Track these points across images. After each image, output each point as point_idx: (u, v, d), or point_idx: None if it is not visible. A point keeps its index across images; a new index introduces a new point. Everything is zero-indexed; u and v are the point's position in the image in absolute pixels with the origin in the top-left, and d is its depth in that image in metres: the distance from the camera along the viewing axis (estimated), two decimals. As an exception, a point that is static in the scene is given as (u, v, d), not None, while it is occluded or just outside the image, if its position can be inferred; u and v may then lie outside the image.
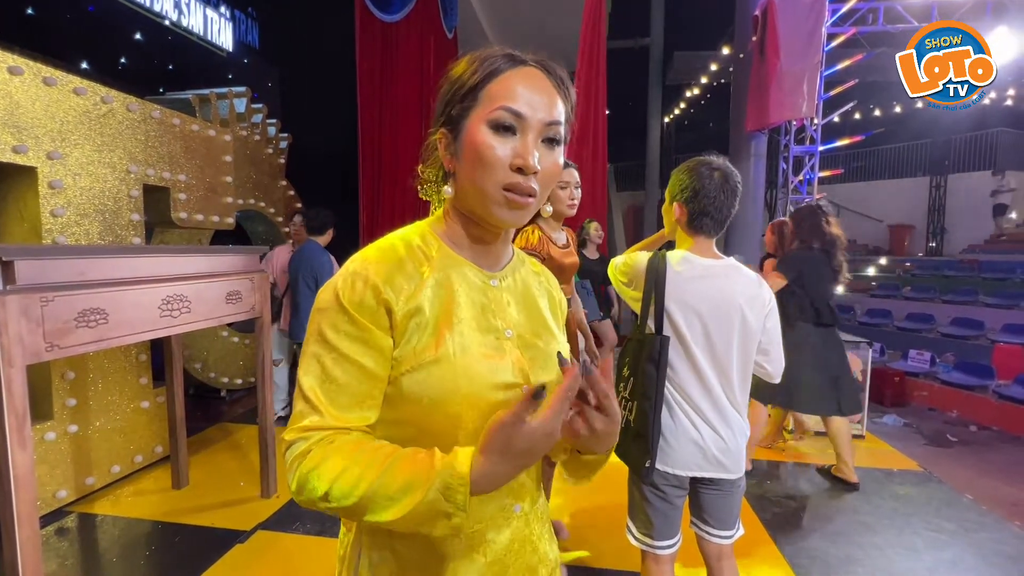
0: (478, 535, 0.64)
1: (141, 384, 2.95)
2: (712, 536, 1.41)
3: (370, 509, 0.53)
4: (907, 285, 8.20)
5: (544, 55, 0.65)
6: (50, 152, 2.42)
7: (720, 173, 1.33)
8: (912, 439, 4.26)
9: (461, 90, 0.62)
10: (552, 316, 0.76)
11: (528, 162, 0.59)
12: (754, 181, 5.77)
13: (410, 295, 0.61)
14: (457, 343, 0.61)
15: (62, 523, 2.41)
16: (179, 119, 3.20)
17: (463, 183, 0.64)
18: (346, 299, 0.60)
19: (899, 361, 5.71)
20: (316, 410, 0.58)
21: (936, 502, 2.76)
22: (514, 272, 0.73)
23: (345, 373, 0.59)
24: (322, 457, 0.56)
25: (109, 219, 2.74)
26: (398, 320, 0.60)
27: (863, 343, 3.76)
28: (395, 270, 0.62)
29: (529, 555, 0.69)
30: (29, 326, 1.51)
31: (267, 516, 2.47)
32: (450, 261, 0.66)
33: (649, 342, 1.32)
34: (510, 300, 0.70)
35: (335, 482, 0.54)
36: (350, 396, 0.59)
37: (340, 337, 0.59)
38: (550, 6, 7.56)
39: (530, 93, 0.60)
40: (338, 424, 0.58)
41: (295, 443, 0.58)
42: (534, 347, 0.69)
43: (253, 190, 4.24)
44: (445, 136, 0.65)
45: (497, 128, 0.60)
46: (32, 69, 2.34)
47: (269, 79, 5.18)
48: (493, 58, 0.62)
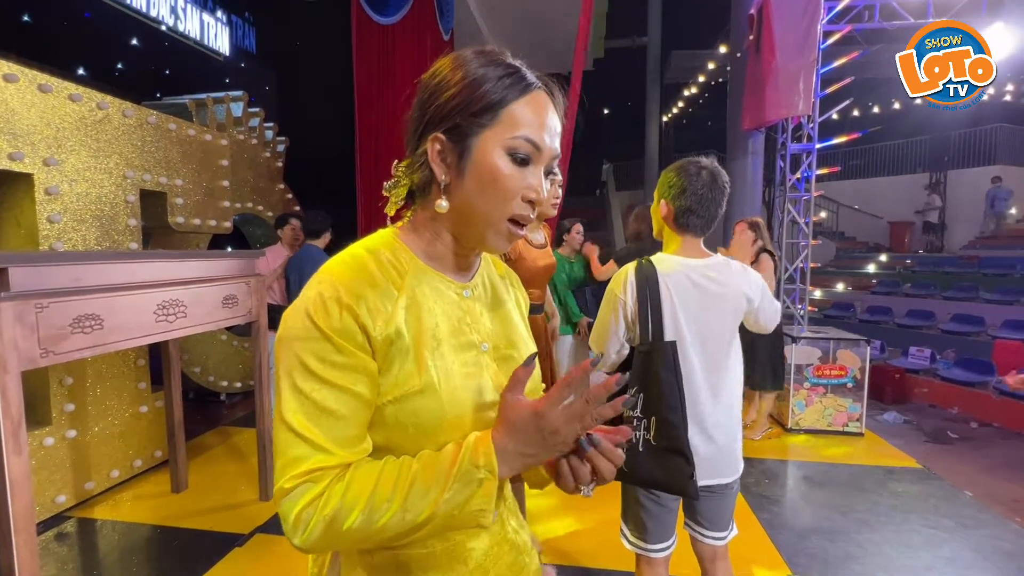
0: (459, 546, 0.63)
1: (140, 389, 2.96)
2: (706, 537, 1.41)
3: (410, 511, 0.52)
4: (907, 282, 8.19)
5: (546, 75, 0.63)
6: (46, 158, 2.43)
7: (708, 172, 1.33)
8: (912, 436, 4.26)
9: (478, 103, 0.58)
10: (521, 318, 0.75)
11: (541, 196, 0.59)
12: (751, 179, 5.77)
13: (388, 318, 0.57)
14: (440, 368, 0.59)
15: (61, 528, 2.42)
16: (175, 124, 3.21)
17: (462, 202, 0.60)
18: (325, 325, 0.54)
19: (899, 358, 5.71)
20: (320, 449, 0.53)
21: (935, 499, 2.76)
22: (482, 277, 0.70)
23: (341, 404, 0.54)
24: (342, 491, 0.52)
25: (106, 224, 2.74)
26: (377, 345, 0.56)
27: (861, 341, 3.76)
28: (369, 290, 0.57)
29: (508, 553, 0.69)
30: (24, 332, 1.52)
31: (265, 520, 2.47)
32: (423, 275, 0.62)
33: (658, 350, 1.26)
34: (482, 310, 0.67)
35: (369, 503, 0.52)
36: (350, 428, 0.55)
37: (327, 367, 0.54)
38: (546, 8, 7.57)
39: (547, 123, 0.60)
40: (345, 460, 0.54)
41: (298, 488, 0.52)
42: (509, 359, 0.67)
43: (251, 194, 4.25)
44: (443, 144, 0.60)
45: (515, 156, 0.58)
46: (27, 76, 2.35)
47: (266, 83, 5.19)
48: (517, 74, 0.59)
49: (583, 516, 2.51)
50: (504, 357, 0.67)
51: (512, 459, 0.54)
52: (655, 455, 1.23)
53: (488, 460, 0.53)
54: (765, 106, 4.70)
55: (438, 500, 0.52)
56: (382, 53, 5.55)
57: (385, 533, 0.53)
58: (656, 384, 1.23)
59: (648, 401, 1.23)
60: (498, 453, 0.54)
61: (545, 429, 0.53)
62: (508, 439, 0.54)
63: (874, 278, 8.85)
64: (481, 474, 0.53)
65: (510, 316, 0.72)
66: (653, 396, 1.23)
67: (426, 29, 6.13)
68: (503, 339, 0.68)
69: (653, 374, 1.24)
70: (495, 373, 0.64)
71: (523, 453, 0.54)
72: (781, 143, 5.23)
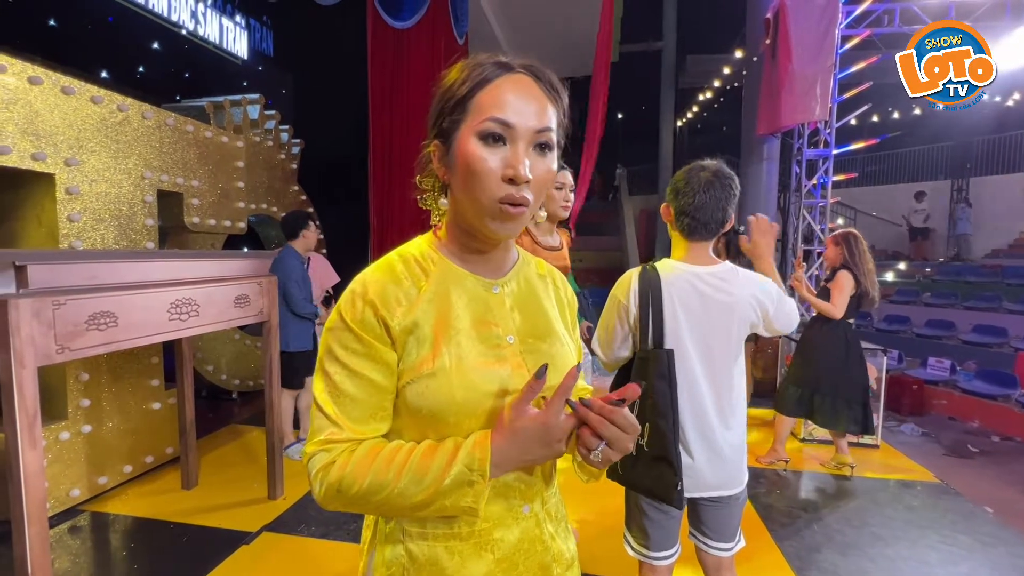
0: (485, 534, 0.67)
1: (153, 386, 3.01)
2: (711, 548, 1.39)
3: (404, 495, 0.59)
4: (927, 291, 8.01)
5: (534, 60, 0.65)
6: (68, 159, 2.49)
7: (708, 173, 1.29)
8: (930, 449, 4.15)
9: (451, 102, 0.63)
10: (560, 317, 0.77)
11: (519, 172, 0.59)
12: (766, 184, 5.70)
13: (406, 311, 0.64)
14: (453, 354, 0.64)
15: (75, 521, 2.46)
16: (193, 126, 3.27)
17: (457, 195, 0.65)
18: (349, 317, 0.63)
19: (917, 368, 5.58)
20: (334, 423, 0.63)
21: (952, 515, 2.68)
22: (518, 276, 0.74)
23: (356, 388, 0.63)
24: (348, 463, 0.60)
25: (124, 224, 2.80)
26: (396, 335, 0.63)
27: (879, 350, 3.68)
28: (391, 287, 0.65)
29: (541, 554, 0.71)
30: (41, 329, 1.55)
31: (273, 518, 2.49)
32: (449, 273, 0.68)
33: (655, 358, 1.25)
34: (512, 305, 0.71)
35: (369, 478, 0.59)
36: (363, 409, 0.63)
37: (348, 354, 0.63)
38: (561, 12, 7.58)
39: (519, 101, 0.60)
40: (355, 436, 0.63)
41: (316, 455, 0.62)
42: (538, 351, 0.70)
43: (265, 195, 4.31)
44: (438, 148, 0.66)
45: (486, 139, 0.60)
46: (51, 79, 2.42)
47: (283, 86, 5.27)
48: (481, 67, 0.63)
49: (585, 522, 2.49)
50: (533, 350, 0.70)
51: (513, 462, 0.60)
52: (646, 462, 1.24)
53: (482, 465, 0.59)
54: (781, 111, 4.65)
55: (432, 491, 0.59)
56: (396, 57, 5.61)
57: (385, 508, 0.61)
58: (650, 391, 1.24)
59: (643, 407, 1.24)
60: (495, 456, 0.59)
61: (552, 438, 0.58)
62: (512, 445, 0.59)
63: (893, 286, 8.67)
64: (474, 477, 0.59)
65: (546, 313, 0.74)
66: (647, 403, 1.24)
67: (440, 34, 6.17)
68: (533, 333, 0.71)
69: (648, 381, 1.25)
70: (519, 365, 0.68)
71: (525, 458, 0.60)
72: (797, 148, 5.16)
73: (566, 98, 0.66)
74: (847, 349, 2.95)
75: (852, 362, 2.95)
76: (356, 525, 2.43)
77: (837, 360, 2.93)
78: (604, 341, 1.36)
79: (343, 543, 2.31)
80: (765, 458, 3.20)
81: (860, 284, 2.84)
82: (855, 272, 2.84)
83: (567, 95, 0.66)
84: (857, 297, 2.89)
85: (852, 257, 2.86)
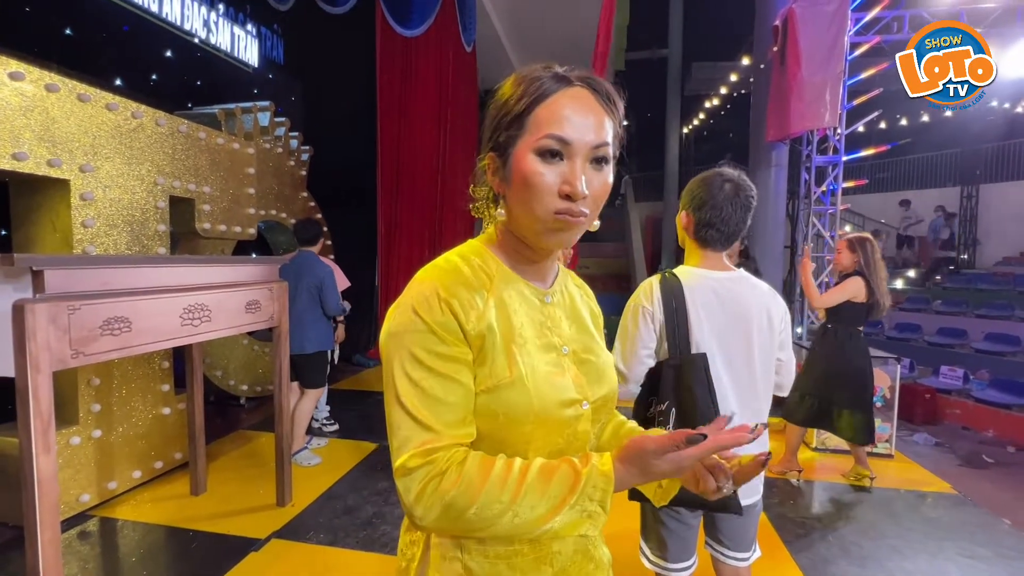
0: (544, 546, 0.66)
1: (163, 391, 3.02)
2: (728, 558, 1.37)
3: (519, 516, 0.56)
4: (938, 298, 7.93)
5: (590, 72, 0.64)
6: (83, 165, 2.51)
7: (732, 185, 1.28)
8: (945, 459, 4.09)
9: (507, 116, 0.63)
10: (596, 329, 0.78)
11: (577, 189, 0.59)
12: (774, 191, 5.67)
13: (480, 314, 0.63)
14: (527, 363, 0.63)
15: (84, 527, 2.46)
16: (204, 133, 3.30)
17: (513, 208, 0.64)
18: (430, 319, 0.61)
19: (930, 377, 5.51)
20: (430, 429, 0.59)
21: (970, 526, 2.63)
22: (561, 286, 0.75)
23: (447, 391, 0.60)
24: (461, 476, 0.57)
25: (136, 230, 2.82)
26: (472, 338, 0.62)
27: (891, 359, 3.64)
28: (464, 289, 0.63)
29: (585, 563, 0.71)
30: (56, 333, 1.56)
31: (282, 525, 2.48)
32: (507, 279, 0.68)
33: (690, 363, 1.22)
34: (562, 316, 0.72)
35: (483, 497, 0.56)
36: (455, 413, 0.60)
37: (433, 357, 0.60)
38: (568, 21, 7.62)
39: (577, 116, 0.60)
40: (453, 441, 0.60)
41: (420, 468, 0.57)
42: (587, 362, 0.71)
43: (275, 201, 4.34)
44: (493, 161, 0.66)
45: (544, 155, 0.60)
46: (67, 86, 2.44)
47: (292, 93, 5.31)
48: (539, 81, 0.62)
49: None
50: (582, 361, 0.71)
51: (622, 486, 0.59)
52: None
53: (604, 498, 0.57)
54: (790, 118, 4.63)
55: (549, 518, 0.56)
56: (405, 65, 5.65)
57: (493, 530, 0.57)
58: (690, 399, 1.19)
59: (682, 416, 1.19)
60: (617, 487, 0.57)
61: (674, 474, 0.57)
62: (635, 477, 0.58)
63: (903, 294, 8.60)
64: (594, 508, 0.57)
65: (586, 325, 0.75)
66: (687, 411, 1.19)
67: (448, 42, 6.22)
68: (581, 344, 0.72)
69: (685, 389, 1.21)
70: (576, 375, 0.68)
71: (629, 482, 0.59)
72: (806, 155, 5.14)
73: (622, 109, 0.65)
74: (856, 357, 2.91)
75: (862, 371, 2.91)
76: (366, 533, 2.41)
77: (847, 368, 2.89)
78: (627, 352, 1.31)
79: (353, 551, 2.29)
80: (778, 467, 3.16)
81: (873, 293, 2.79)
82: (869, 280, 2.78)
83: (623, 105, 0.66)
84: (868, 307, 2.83)
85: (868, 266, 2.79)
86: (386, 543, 2.34)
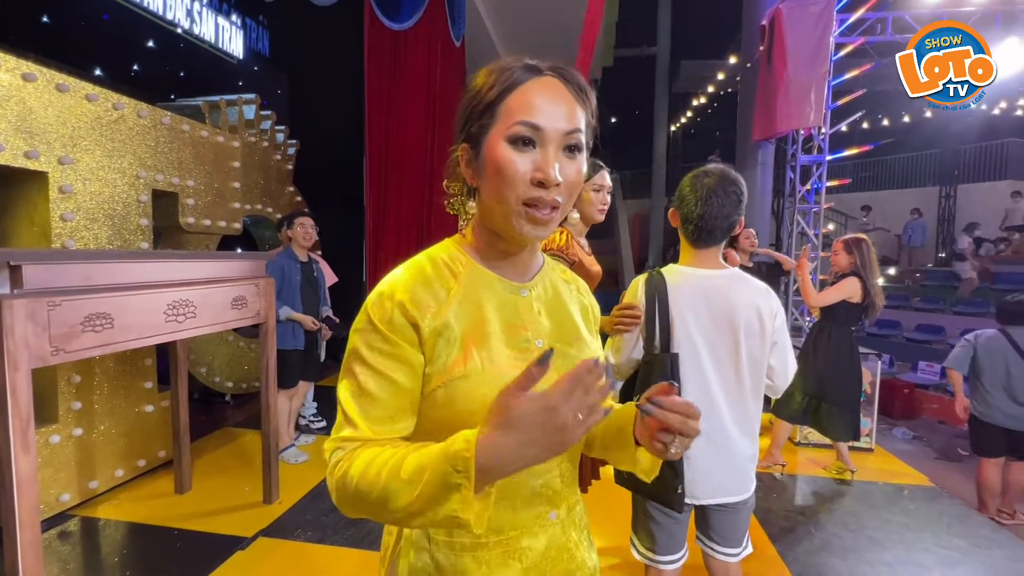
0: (513, 542, 0.66)
1: (146, 388, 2.96)
2: (718, 553, 1.39)
3: (390, 498, 0.53)
4: (917, 296, 8.12)
5: (562, 62, 0.65)
6: (61, 157, 2.45)
7: (712, 179, 1.28)
8: (922, 453, 4.20)
9: (479, 106, 0.63)
10: (584, 324, 0.77)
11: (549, 175, 0.59)
12: (760, 190, 5.75)
13: (436, 312, 0.63)
14: (485, 356, 0.63)
15: (64, 527, 2.41)
16: (188, 125, 3.24)
17: (486, 199, 0.65)
18: (376, 317, 0.63)
19: (908, 373, 5.64)
20: (352, 424, 0.61)
21: (947, 518, 2.71)
22: (544, 280, 0.74)
23: (378, 388, 0.62)
24: (350, 463, 0.59)
25: (118, 224, 2.76)
26: (425, 336, 0.63)
27: (871, 354, 3.71)
28: (420, 288, 0.64)
29: (567, 562, 0.71)
30: (35, 330, 1.52)
31: (268, 523, 2.46)
32: (478, 276, 0.68)
33: (659, 362, 1.25)
34: (540, 309, 0.71)
35: (360, 479, 0.56)
36: (382, 409, 0.62)
37: (373, 354, 0.62)
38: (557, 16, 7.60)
39: (548, 104, 0.60)
40: (371, 436, 0.61)
41: (333, 452, 0.61)
42: (566, 355, 0.70)
43: (261, 195, 4.27)
44: (466, 152, 0.66)
45: (516, 143, 0.60)
46: (45, 76, 2.38)
47: (278, 86, 5.23)
48: (509, 71, 0.62)
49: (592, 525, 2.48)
50: (562, 355, 0.70)
51: (510, 458, 0.49)
52: None
53: (466, 464, 0.48)
54: (776, 117, 4.69)
55: (416, 495, 0.51)
56: (393, 58, 5.59)
57: (382, 512, 0.55)
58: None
59: None
60: (484, 452, 0.48)
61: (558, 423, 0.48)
62: (507, 436, 0.48)
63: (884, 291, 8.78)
64: (458, 479, 0.49)
65: (572, 318, 0.75)
66: None
67: (437, 35, 6.16)
68: (561, 338, 0.71)
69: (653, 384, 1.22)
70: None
71: (525, 452, 0.49)
72: (791, 154, 5.21)
73: (594, 99, 0.66)
74: (850, 357, 2.96)
75: (852, 369, 2.97)
76: (353, 531, 2.40)
77: (841, 368, 2.94)
78: (617, 345, 1.37)
79: (340, 548, 2.28)
80: (762, 462, 3.21)
81: (869, 293, 2.82)
82: (865, 281, 2.81)
83: (595, 96, 0.66)
84: (863, 307, 2.87)
85: (864, 267, 2.82)
86: (373, 540, 2.33)
